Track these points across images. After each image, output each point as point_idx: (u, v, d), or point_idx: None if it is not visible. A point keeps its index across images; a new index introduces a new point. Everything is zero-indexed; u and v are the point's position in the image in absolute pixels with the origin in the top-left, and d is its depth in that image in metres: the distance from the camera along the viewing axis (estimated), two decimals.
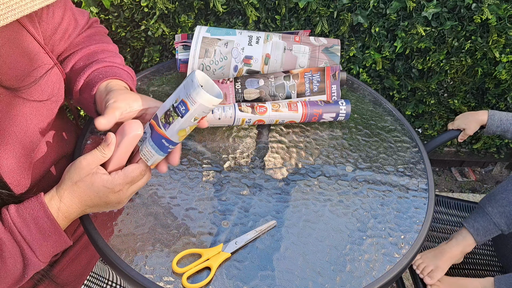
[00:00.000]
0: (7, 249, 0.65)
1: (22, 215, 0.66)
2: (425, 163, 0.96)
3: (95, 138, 0.94)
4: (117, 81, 0.79)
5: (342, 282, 0.75)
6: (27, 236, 0.66)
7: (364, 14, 1.46)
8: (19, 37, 0.70)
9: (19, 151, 0.71)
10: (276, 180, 0.90)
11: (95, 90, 0.77)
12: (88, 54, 0.84)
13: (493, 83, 1.67)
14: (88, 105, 0.80)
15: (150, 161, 0.69)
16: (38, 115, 0.73)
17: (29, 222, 0.66)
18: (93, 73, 0.80)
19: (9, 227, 0.65)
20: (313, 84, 1.00)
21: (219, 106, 0.96)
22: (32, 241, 0.66)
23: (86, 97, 0.79)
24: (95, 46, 0.85)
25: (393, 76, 1.67)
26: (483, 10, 1.43)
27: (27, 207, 0.67)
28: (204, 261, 0.75)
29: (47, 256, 0.69)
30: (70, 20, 0.83)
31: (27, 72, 0.70)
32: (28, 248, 0.66)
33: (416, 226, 0.84)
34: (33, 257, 0.67)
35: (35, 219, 0.67)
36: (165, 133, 0.66)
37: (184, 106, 0.63)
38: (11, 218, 0.66)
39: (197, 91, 0.61)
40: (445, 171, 2.21)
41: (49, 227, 0.67)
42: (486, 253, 1.38)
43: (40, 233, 0.67)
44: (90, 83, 0.79)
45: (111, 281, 1.02)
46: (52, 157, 0.82)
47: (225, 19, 1.50)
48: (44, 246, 0.68)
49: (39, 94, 0.72)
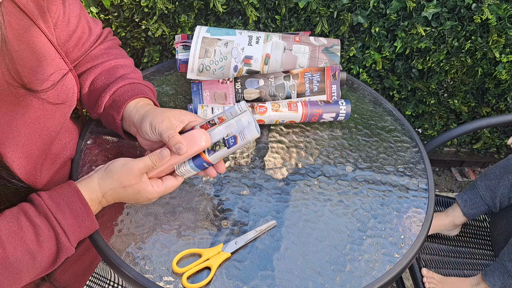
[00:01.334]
0: (44, 234, 0.67)
1: (56, 200, 0.69)
2: (425, 163, 0.96)
3: (95, 138, 0.94)
4: (145, 99, 0.84)
5: (342, 282, 0.75)
6: (62, 221, 0.68)
7: (364, 14, 1.46)
8: (38, 41, 0.73)
9: (32, 152, 0.74)
10: (276, 180, 0.90)
11: (124, 108, 0.82)
12: (109, 69, 0.88)
13: (493, 83, 1.67)
14: (113, 121, 0.84)
15: (186, 176, 0.78)
16: (52, 118, 0.75)
17: (64, 207, 0.69)
18: (118, 91, 0.84)
19: (44, 212, 0.67)
20: (313, 84, 1.00)
21: (219, 107, 0.96)
22: (67, 226, 0.68)
23: (113, 113, 0.83)
24: (114, 61, 0.89)
25: (393, 76, 1.67)
26: (483, 10, 1.43)
27: (60, 194, 0.70)
28: (204, 261, 0.75)
29: (78, 241, 0.72)
30: (84, 29, 0.86)
31: (46, 75, 0.73)
32: (62, 233, 0.68)
33: (416, 226, 0.84)
34: (67, 241, 0.69)
35: (69, 204, 0.69)
36: (208, 158, 0.76)
37: (234, 139, 0.76)
38: (45, 203, 0.68)
39: (251, 133, 0.75)
40: (445, 171, 2.21)
41: (83, 212, 0.70)
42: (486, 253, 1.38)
43: (74, 218, 0.69)
44: (117, 102, 0.83)
45: (112, 281, 1.02)
46: (61, 159, 0.85)
47: (225, 19, 1.50)
48: (77, 232, 0.70)
49: (55, 98, 0.75)
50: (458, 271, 1.31)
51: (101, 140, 0.94)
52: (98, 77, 0.87)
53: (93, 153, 0.91)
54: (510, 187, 1.26)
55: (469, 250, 1.38)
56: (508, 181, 1.26)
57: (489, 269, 1.20)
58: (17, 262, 0.65)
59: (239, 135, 0.76)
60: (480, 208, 1.30)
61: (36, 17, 0.72)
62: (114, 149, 0.92)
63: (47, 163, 0.80)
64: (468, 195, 1.31)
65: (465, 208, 1.31)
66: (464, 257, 1.35)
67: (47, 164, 0.80)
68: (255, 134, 0.75)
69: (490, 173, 1.30)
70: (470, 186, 1.34)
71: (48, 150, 0.78)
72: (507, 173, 1.27)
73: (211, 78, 1.02)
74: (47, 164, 0.80)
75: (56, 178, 0.83)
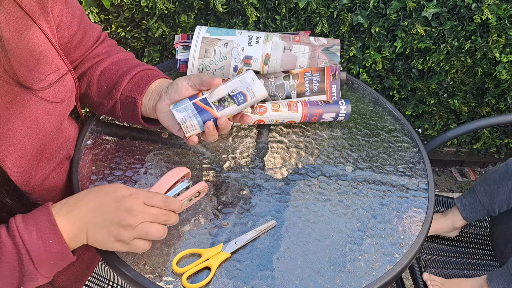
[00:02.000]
0: (7, 254, 0.63)
1: (26, 220, 0.65)
2: (425, 163, 0.96)
3: (95, 138, 0.94)
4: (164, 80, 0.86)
5: (342, 282, 0.75)
6: (26, 240, 0.63)
7: (364, 14, 1.46)
8: (37, 41, 0.73)
9: (28, 151, 0.73)
10: (276, 180, 0.90)
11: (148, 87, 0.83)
12: (118, 61, 0.89)
13: (493, 83, 1.67)
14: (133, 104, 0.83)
15: (189, 133, 0.79)
16: (50, 117, 0.75)
17: (32, 226, 0.65)
18: (137, 75, 0.85)
19: (11, 231, 0.64)
20: (313, 84, 1.00)
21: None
22: (31, 246, 0.64)
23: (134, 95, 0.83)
24: (121, 54, 0.91)
25: (393, 76, 1.67)
26: (483, 10, 1.43)
27: (33, 214, 0.66)
28: (204, 261, 0.75)
29: (47, 268, 0.66)
30: (86, 30, 0.87)
31: (43, 75, 0.73)
32: (26, 253, 0.63)
33: (416, 226, 0.84)
34: (30, 264, 0.64)
35: (38, 223, 0.65)
36: (216, 113, 0.77)
37: (243, 96, 0.77)
38: (16, 222, 0.65)
39: (260, 89, 0.77)
40: (445, 171, 2.22)
41: (50, 233, 0.65)
42: (486, 253, 1.38)
43: (40, 238, 0.64)
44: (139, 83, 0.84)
45: (111, 281, 1.02)
46: (58, 158, 0.84)
47: (225, 19, 1.50)
48: (43, 255, 0.65)
49: (53, 96, 0.74)
50: (458, 271, 1.31)
51: (101, 140, 0.94)
52: (108, 68, 0.87)
53: (93, 153, 0.91)
54: (509, 193, 1.26)
55: (469, 250, 1.38)
56: (507, 187, 1.26)
57: (495, 274, 1.20)
58: None
59: (248, 92, 0.77)
60: (479, 212, 1.31)
61: (37, 17, 0.73)
62: (114, 149, 0.92)
63: (43, 163, 0.79)
64: (468, 199, 1.32)
65: (464, 212, 1.31)
66: (464, 257, 1.35)
67: (43, 163, 0.79)
68: (263, 91, 0.76)
69: (490, 178, 1.30)
70: (469, 190, 1.34)
71: (44, 149, 0.77)
72: (506, 179, 1.27)
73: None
74: (43, 163, 0.79)
75: (51, 177, 0.83)
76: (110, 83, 0.86)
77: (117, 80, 0.85)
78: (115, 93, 0.85)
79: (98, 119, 0.98)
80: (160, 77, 0.85)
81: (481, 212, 1.30)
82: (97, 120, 0.97)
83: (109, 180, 0.86)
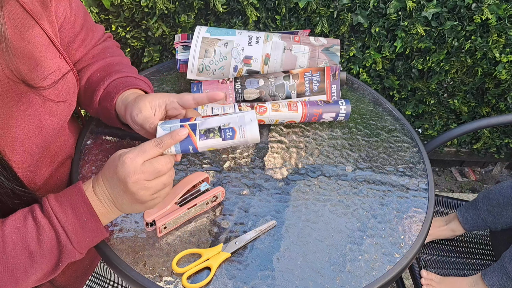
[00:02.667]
0: (45, 233, 0.66)
1: (60, 200, 0.68)
2: (425, 163, 0.96)
3: (95, 138, 0.94)
4: (136, 90, 0.84)
5: (342, 282, 0.75)
6: (63, 220, 0.66)
7: (364, 14, 1.46)
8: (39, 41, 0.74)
9: (32, 148, 0.74)
10: (276, 180, 0.90)
11: (115, 100, 0.82)
12: (104, 66, 0.88)
13: (493, 83, 1.67)
14: (109, 114, 0.84)
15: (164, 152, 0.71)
16: (52, 116, 0.76)
17: (66, 206, 0.67)
18: (112, 83, 0.84)
19: (47, 211, 0.66)
20: (313, 84, 1.00)
21: (219, 107, 0.96)
22: (68, 226, 0.66)
23: (107, 106, 0.83)
24: (110, 58, 0.90)
25: (393, 76, 1.67)
26: (483, 10, 1.43)
27: (65, 193, 0.69)
28: (204, 261, 0.75)
29: (83, 245, 0.69)
30: (88, 31, 0.87)
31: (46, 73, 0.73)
32: (63, 233, 0.66)
33: (416, 226, 0.84)
34: (68, 243, 0.67)
35: (72, 203, 0.67)
36: (197, 143, 0.70)
37: (231, 133, 0.71)
38: (50, 203, 0.67)
39: (253, 131, 0.70)
40: (445, 171, 2.21)
41: (85, 212, 0.67)
42: (486, 253, 1.38)
43: (76, 218, 0.67)
44: (110, 94, 0.83)
45: (112, 281, 1.02)
46: (60, 157, 0.85)
47: (225, 19, 1.50)
48: (80, 233, 0.67)
49: (56, 96, 0.75)
50: (458, 271, 1.31)
51: (101, 140, 0.94)
52: (94, 74, 0.87)
53: (93, 153, 0.91)
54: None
55: (469, 250, 1.38)
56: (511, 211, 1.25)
57: (489, 269, 1.20)
58: (14, 258, 0.64)
59: (238, 130, 0.71)
60: (480, 227, 1.31)
61: (39, 17, 0.73)
62: (114, 149, 0.92)
63: (46, 161, 0.80)
64: (470, 215, 1.30)
65: (465, 226, 1.32)
66: (464, 257, 1.35)
67: (46, 161, 0.80)
68: (256, 135, 0.70)
69: (493, 199, 1.28)
70: (471, 204, 1.32)
71: (47, 147, 0.78)
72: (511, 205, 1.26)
73: (211, 78, 1.02)
74: (46, 161, 0.80)
75: (55, 176, 0.84)
76: (91, 91, 0.87)
77: (94, 89, 0.86)
78: (93, 103, 0.86)
79: (98, 119, 0.98)
80: (131, 87, 0.83)
81: (482, 228, 1.31)
82: (97, 120, 0.97)
83: None
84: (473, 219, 1.30)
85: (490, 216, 1.28)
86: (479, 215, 1.29)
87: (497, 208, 1.27)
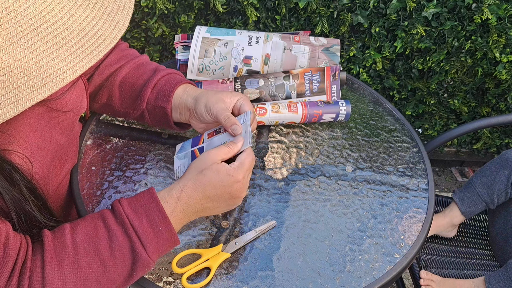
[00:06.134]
0: (118, 242, 0.64)
1: (134, 207, 0.66)
2: (425, 163, 0.96)
3: (95, 138, 0.94)
4: (189, 85, 0.85)
5: (342, 282, 0.75)
6: (138, 228, 0.64)
7: (364, 14, 1.46)
8: None
9: (44, 160, 0.72)
10: (276, 180, 0.90)
11: (172, 96, 0.82)
12: (137, 67, 0.87)
13: (493, 83, 1.67)
14: (163, 112, 0.83)
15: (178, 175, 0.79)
16: (60, 125, 0.74)
17: (141, 214, 0.66)
18: (159, 83, 0.84)
19: (121, 219, 0.65)
20: (313, 84, 1.00)
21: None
22: (143, 234, 0.65)
23: (162, 104, 0.82)
24: (137, 59, 0.89)
25: (393, 76, 1.67)
26: (483, 10, 1.43)
27: (139, 200, 0.67)
28: (204, 261, 0.75)
29: (156, 254, 0.67)
30: None
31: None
32: (138, 241, 0.64)
33: (416, 226, 0.84)
34: (143, 252, 0.64)
35: (147, 211, 0.66)
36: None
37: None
38: (124, 209, 0.65)
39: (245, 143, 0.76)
40: (445, 171, 2.21)
41: (160, 221, 0.66)
42: (485, 253, 1.38)
43: (151, 227, 0.65)
44: (163, 92, 0.83)
45: None
46: (67, 166, 0.84)
47: (225, 19, 1.50)
48: (154, 242, 0.66)
49: (64, 106, 0.73)
50: (457, 271, 1.31)
51: (101, 140, 0.94)
52: (127, 76, 0.86)
53: (93, 153, 0.91)
54: (506, 182, 1.26)
55: (468, 250, 1.38)
56: (504, 176, 1.26)
57: (493, 276, 1.20)
58: (86, 267, 0.62)
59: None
60: (477, 205, 1.31)
61: None
62: (114, 149, 0.92)
63: (57, 169, 0.79)
64: (465, 193, 1.32)
65: (462, 207, 1.31)
66: (464, 257, 1.35)
67: (56, 171, 0.79)
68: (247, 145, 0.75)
69: (486, 169, 1.31)
70: (466, 184, 1.34)
71: (57, 156, 0.77)
72: (503, 168, 1.27)
73: (211, 78, 1.02)
74: (56, 171, 0.79)
75: (63, 184, 0.83)
76: (133, 93, 0.85)
77: (140, 89, 0.84)
78: (140, 103, 0.84)
79: (98, 119, 0.98)
80: (182, 82, 0.84)
81: (480, 205, 1.31)
82: (97, 121, 0.97)
83: (109, 181, 0.86)
84: (468, 197, 1.31)
85: (485, 188, 1.29)
86: (474, 190, 1.30)
87: (490, 177, 1.28)
